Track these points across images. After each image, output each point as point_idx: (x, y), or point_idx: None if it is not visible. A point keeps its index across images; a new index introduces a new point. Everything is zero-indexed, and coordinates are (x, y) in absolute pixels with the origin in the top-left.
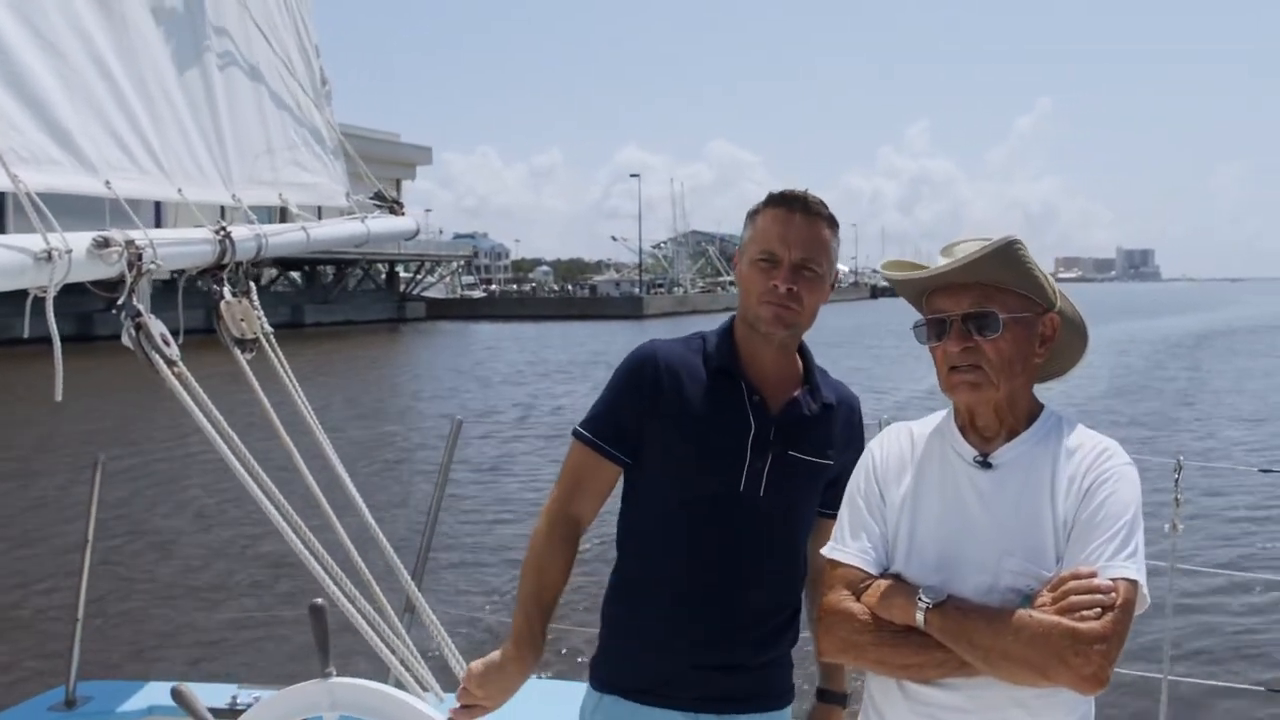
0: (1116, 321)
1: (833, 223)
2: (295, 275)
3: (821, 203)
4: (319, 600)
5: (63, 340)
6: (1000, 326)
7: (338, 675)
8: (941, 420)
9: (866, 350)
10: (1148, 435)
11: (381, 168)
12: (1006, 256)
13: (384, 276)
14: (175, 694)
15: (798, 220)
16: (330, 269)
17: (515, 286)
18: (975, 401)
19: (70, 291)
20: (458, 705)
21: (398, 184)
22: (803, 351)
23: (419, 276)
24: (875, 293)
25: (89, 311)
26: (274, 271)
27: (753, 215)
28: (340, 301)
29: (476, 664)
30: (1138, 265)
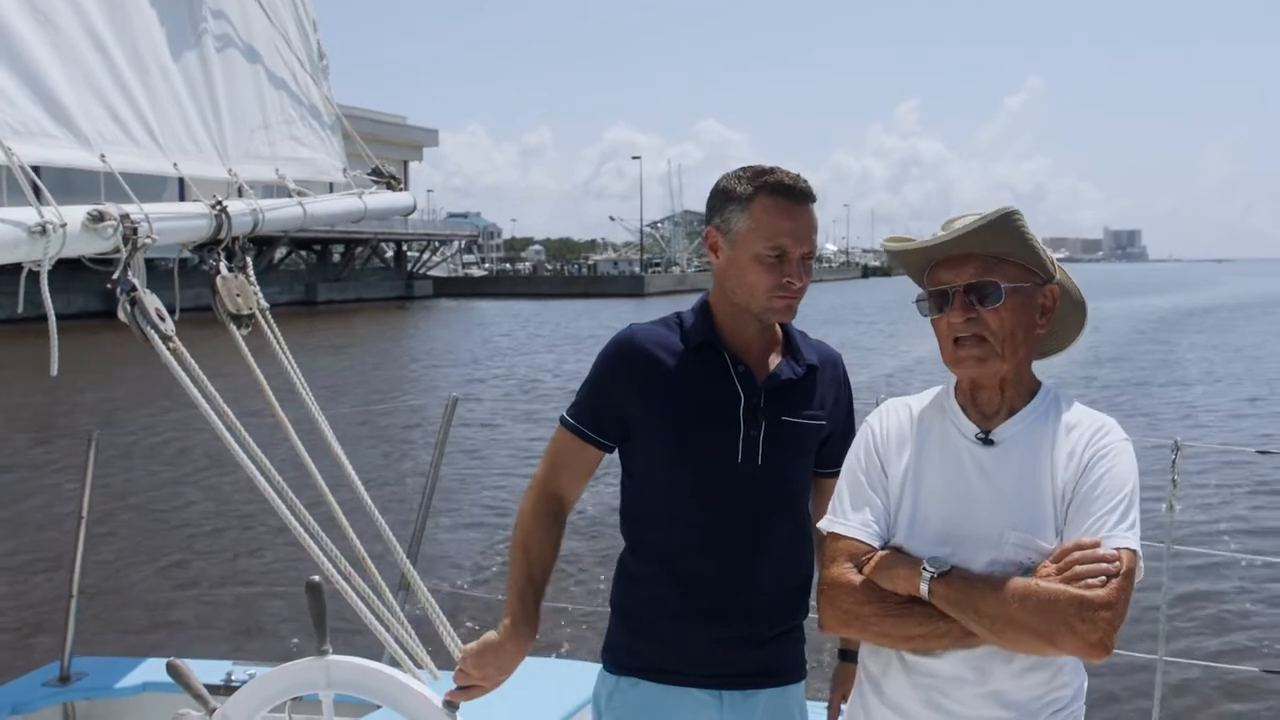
0: (1095, 300)
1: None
2: (305, 254)
3: (808, 184)
4: (316, 578)
5: (89, 315)
6: (1002, 295)
7: (334, 653)
8: (939, 396)
9: (861, 326)
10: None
11: (389, 149)
12: (1006, 226)
13: (392, 255)
14: (170, 669)
15: (801, 211)
16: (339, 248)
17: (509, 266)
18: (981, 375)
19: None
20: (455, 685)
21: (405, 165)
22: None
23: (424, 256)
24: (866, 272)
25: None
26: (283, 250)
27: (745, 200)
28: (351, 280)
29: (472, 645)
30: (1125, 246)
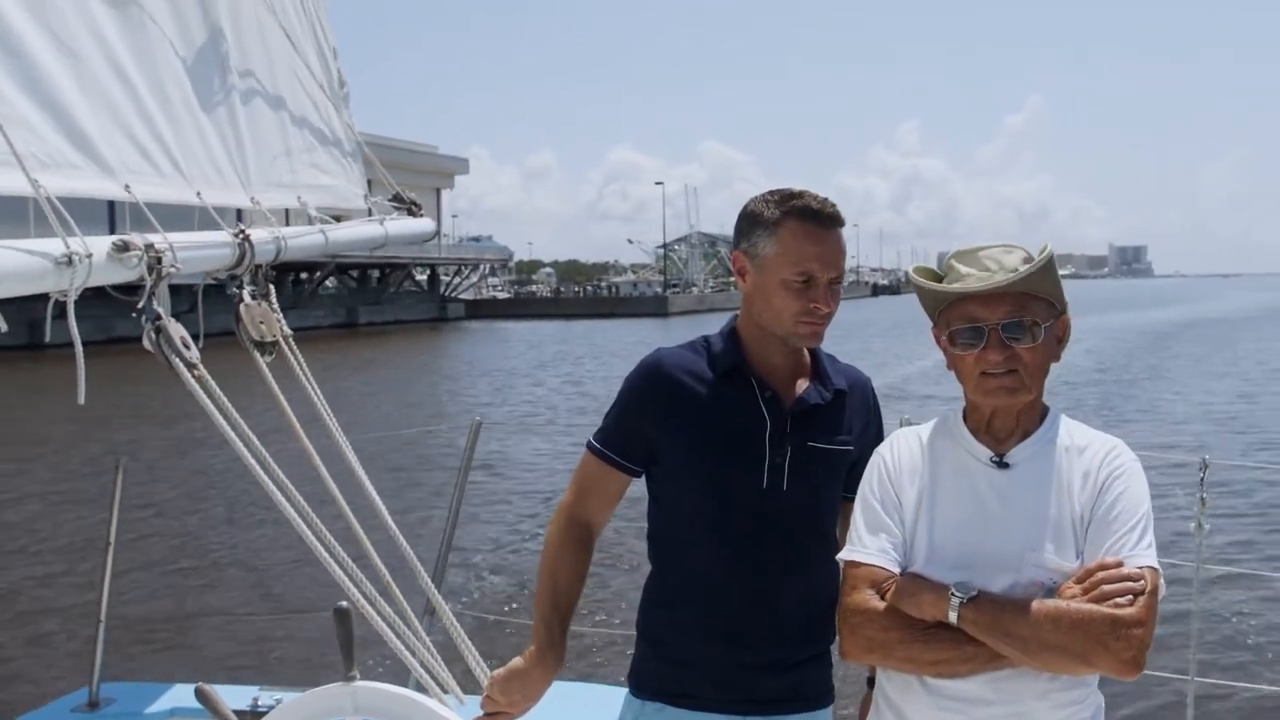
0: (1092, 315)
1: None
2: (345, 279)
3: (837, 208)
4: (344, 604)
5: (124, 340)
6: (1041, 334)
7: (360, 678)
8: (949, 423)
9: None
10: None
11: (421, 178)
12: (1048, 266)
13: (425, 279)
14: (199, 694)
15: (828, 236)
16: (375, 272)
17: (522, 288)
18: (1010, 406)
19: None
20: (482, 712)
21: (437, 193)
22: None
23: (455, 280)
24: (876, 290)
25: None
26: (323, 274)
27: (772, 225)
28: (389, 303)
29: (499, 671)
30: (1130, 262)
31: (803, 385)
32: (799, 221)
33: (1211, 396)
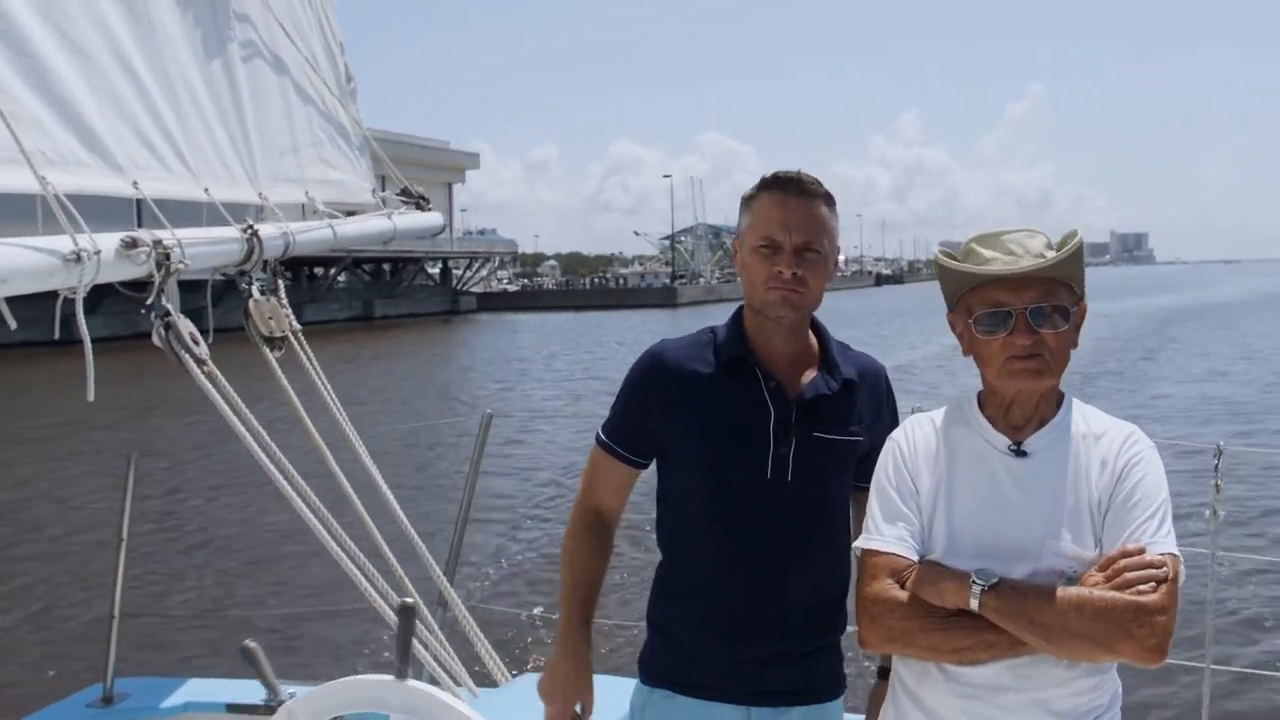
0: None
1: (829, 200)
2: (361, 273)
3: (816, 181)
4: (409, 600)
5: (146, 335)
6: (1069, 319)
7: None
8: (964, 410)
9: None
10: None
11: (433, 172)
12: (1078, 252)
13: (438, 272)
14: (245, 652)
15: (795, 203)
16: (389, 266)
17: (527, 281)
18: (1034, 390)
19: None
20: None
21: (449, 188)
22: (818, 330)
23: (466, 274)
24: (879, 280)
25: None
26: (335, 269)
27: (748, 201)
28: (403, 297)
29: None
30: (1132, 249)
31: (810, 375)
32: (767, 192)
33: (1201, 375)
